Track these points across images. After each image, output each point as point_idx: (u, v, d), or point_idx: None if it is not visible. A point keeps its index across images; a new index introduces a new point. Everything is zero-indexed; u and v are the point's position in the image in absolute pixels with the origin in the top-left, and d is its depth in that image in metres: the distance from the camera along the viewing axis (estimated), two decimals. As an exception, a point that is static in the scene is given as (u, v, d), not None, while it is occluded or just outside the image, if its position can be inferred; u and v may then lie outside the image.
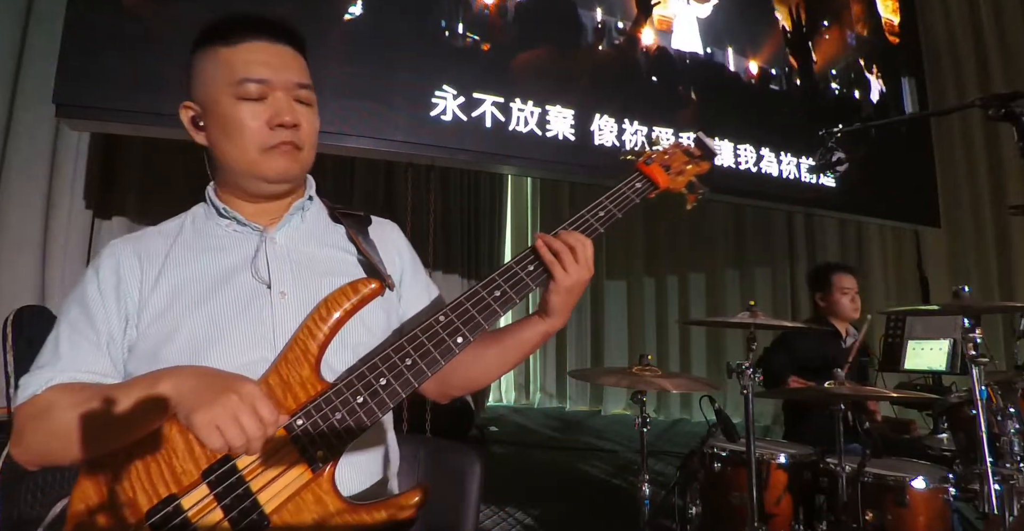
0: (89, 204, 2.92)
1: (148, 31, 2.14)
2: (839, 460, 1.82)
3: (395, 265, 1.02)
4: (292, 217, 0.95)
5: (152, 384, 0.74)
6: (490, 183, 5.78)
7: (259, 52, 0.88)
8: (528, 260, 0.90)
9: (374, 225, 1.04)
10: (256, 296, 0.87)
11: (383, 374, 0.81)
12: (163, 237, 0.93)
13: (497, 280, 0.88)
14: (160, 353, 0.82)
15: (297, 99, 0.90)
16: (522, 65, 2.84)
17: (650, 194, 1.04)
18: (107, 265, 0.88)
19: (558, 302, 0.91)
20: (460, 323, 0.84)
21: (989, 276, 4.45)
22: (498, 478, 3.28)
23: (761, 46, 3.66)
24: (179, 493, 0.73)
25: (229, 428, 0.68)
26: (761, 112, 3.56)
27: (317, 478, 0.76)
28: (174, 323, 0.84)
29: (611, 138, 3.00)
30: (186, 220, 0.96)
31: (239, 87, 0.86)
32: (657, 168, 1.05)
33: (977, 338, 1.55)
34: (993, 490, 1.52)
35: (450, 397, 1.03)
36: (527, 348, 0.96)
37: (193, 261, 0.89)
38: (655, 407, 5.63)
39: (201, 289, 0.86)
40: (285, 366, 0.81)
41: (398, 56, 2.56)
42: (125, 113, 2.11)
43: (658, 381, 1.91)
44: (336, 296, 0.83)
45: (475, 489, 1.03)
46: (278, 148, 0.88)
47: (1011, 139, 1.23)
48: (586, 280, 0.90)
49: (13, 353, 1.99)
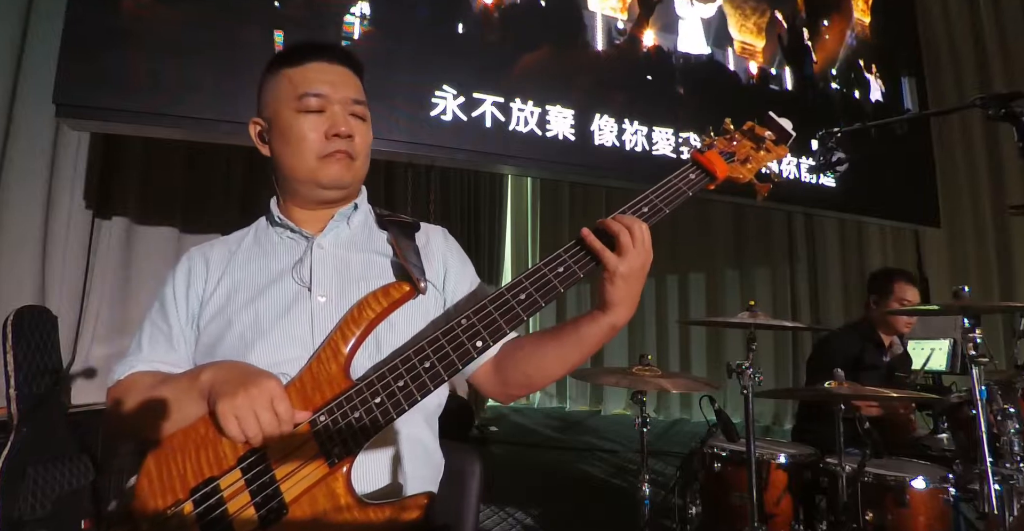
0: (89, 204, 2.92)
1: (148, 31, 2.14)
2: (839, 460, 1.82)
3: (436, 270, 1.03)
4: (338, 223, 1.02)
5: (197, 374, 0.85)
6: (490, 183, 5.78)
7: (319, 71, 0.97)
8: (559, 261, 0.85)
9: (421, 231, 1.08)
10: (298, 298, 0.94)
11: (401, 376, 0.82)
12: (228, 246, 1.04)
13: (524, 283, 0.85)
14: (216, 348, 0.93)
15: (352, 114, 0.98)
16: (522, 65, 2.84)
17: (708, 185, 0.93)
18: (182, 269, 1.02)
19: (615, 292, 0.84)
20: (481, 326, 0.83)
21: (989, 276, 4.45)
22: (498, 478, 3.28)
23: (761, 46, 3.66)
24: (219, 475, 0.80)
25: (246, 419, 0.77)
26: (761, 112, 3.55)
27: (333, 473, 0.79)
28: (227, 322, 0.93)
29: (611, 138, 3.00)
30: (251, 230, 1.07)
31: (300, 101, 0.95)
32: (715, 156, 0.92)
33: (977, 338, 1.55)
34: (993, 490, 1.52)
35: (512, 397, 1.02)
36: (589, 345, 0.90)
37: (248, 266, 0.99)
38: (655, 407, 5.63)
39: (251, 291, 0.95)
40: (317, 364, 0.85)
41: (398, 56, 2.56)
42: (125, 113, 2.11)
43: (658, 381, 1.91)
44: (368, 300, 0.88)
45: (475, 489, 1.04)
46: (333, 156, 0.96)
47: (1011, 139, 1.23)
48: (645, 266, 0.85)
49: (13, 353, 1.99)
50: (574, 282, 0.85)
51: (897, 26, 4.40)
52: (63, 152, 2.81)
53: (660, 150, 3.14)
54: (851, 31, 4.10)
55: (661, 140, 3.15)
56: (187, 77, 2.17)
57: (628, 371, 1.98)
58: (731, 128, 0.99)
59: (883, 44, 4.24)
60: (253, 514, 0.77)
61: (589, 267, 0.85)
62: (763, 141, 0.97)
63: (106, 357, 2.91)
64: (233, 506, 0.77)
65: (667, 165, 3.13)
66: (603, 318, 0.87)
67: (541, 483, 3.44)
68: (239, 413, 0.77)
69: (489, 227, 5.68)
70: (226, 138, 2.36)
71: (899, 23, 4.42)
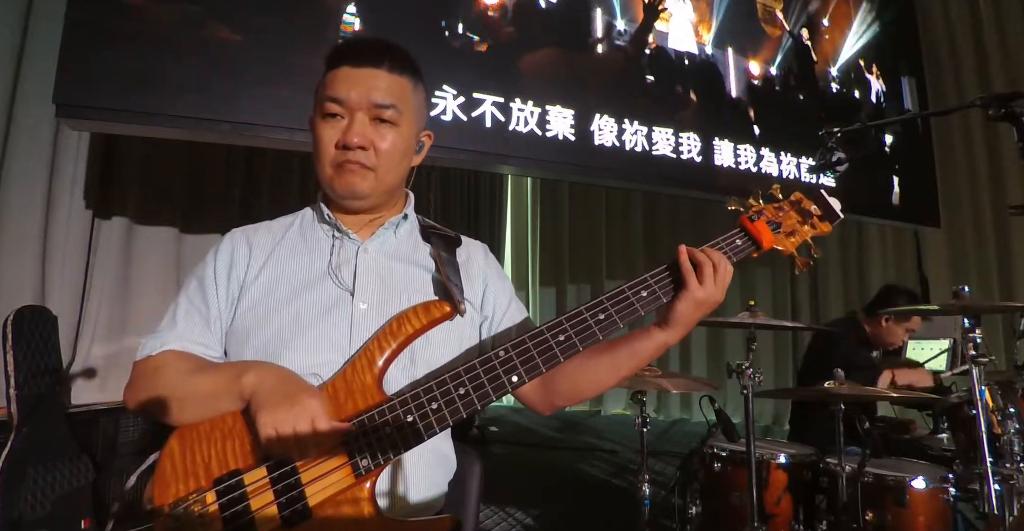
0: (89, 204, 2.92)
1: (148, 31, 2.14)
2: (839, 460, 1.82)
3: (475, 288, 1.04)
4: (386, 232, 1.01)
5: (240, 373, 0.83)
6: (490, 183, 5.78)
7: (349, 75, 0.93)
8: (600, 307, 0.87)
9: (462, 247, 1.08)
10: (340, 302, 0.93)
11: (436, 398, 0.83)
12: (273, 233, 1.01)
13: (564, 324, 0.86)
14: (250, 338, 0.91)
15: (378, 119, 0.94)
16: (522, 65, 2.84)
17: (752, 254, 0.95)
18: (225, 250, 0.98)
19: (684, 312, 0.89)
20: (518, 361, 0.85)
21: (989, 276, 4.45)
22: (498, 478, 3.28)
23: (762, 46, 3.67)
24: (243, 469, 0.80)
25: (285, 434, 0.77)
26: (761, 112, 3.56)
27: (359, 484, 0.80)
28: (265, 314, 0.92)
29: (611, 138, 3.00)
30: (297, 219, 1.04)
31: (323, 105, 0.94)
32: (763, 226, 0.94)
33: (977, 338, 1.55)
34: (993, 490, 1.52)
35: (555, 408, 1.02)
36: (641, 359, 0.94)
37: (292, 259, 0.97)
38: (655, 407, 5.63)
39: (293, 287, 0.94)
40: (352, 372, 0.86)
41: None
42: (125, 113, 2.11)
43: (658, 381, 1.91)
44: (408, 314, 0.88)
45: (475, 489, 1.04)
46: (344, 166, 0.93)
47: (1011, 139, 1.23)
48: (717, 302, 0.89)
49: (13, 353, 1.99)
50: (613, 330, 0.86)
51: (897, 26, 4.40)
52: (63, 152, 2.80)
53: (659, 150, 3.14)
54: (852, 31, 4.10)
55: (661, 140, 3.15)
56: (187, 77, 2.17)
57: (628, 371, 1.98)
58: (780, 196, 0.99)
59: (883, 44, 4.25)
60: (276, 513, 0.77)
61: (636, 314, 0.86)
62: (810, 217, 0.97)
63: (106, 357, 2.91)
64: (256, 503, 0.77)
65: (666, 165, 3.14)
66: (660, 335, 0.92)
67: (541, 483, 3.44)
68: (280, 427, 0.77)
69: (489, 227, 5.69)
70: (226, 138, 2.36)
71: (899, 23, 4.42)
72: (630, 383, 1.91)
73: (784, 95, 3.71)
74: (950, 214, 4.43)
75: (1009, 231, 4.41)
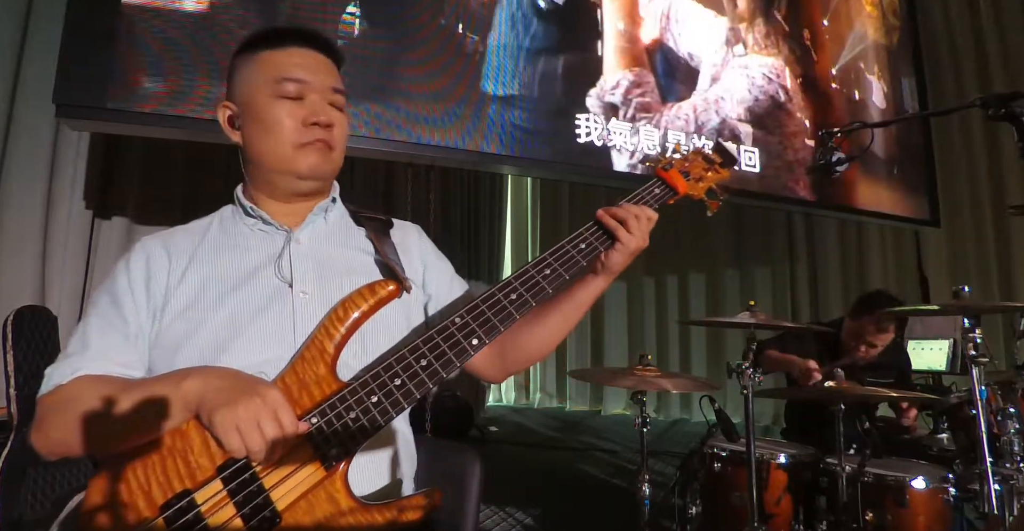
0: (89, 204, 2.92)
1: (148, 31, 2.14)
2: (839, 460, 1.82)
3: (415, 267, 1.03)
4: (316, 218, 0.98)
5: (179, 382, 0.76)
6: (490, 183, 5.78)
7: (299, 56, 0.93)
8: (544, 263, 0.91)
9: (395, 228, 1.07)
10: (278, 294, 0.89)
11: (398, 374, 0.81)
12: (191, 235, 0.96)
13: (513, 283, 0.88)
14: (181, 348, 0.84)
15: (332, 103, 0.94)
16: (523, 66, 2.84)
17: (669, 200, 1.05)
18: (137, 260, 0.90)
19: (618, 261, 0.95)
20: (476, 325, 0.85)
21: (989, 276, 4.45)
22: (498, 478, 3.27)
23: (762, 45, 3.66)
24: (193, 488, 0.73)
25: (249, 432, 0.71)
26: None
27: (330, 476, 0.77)
28: (197, 319, 0.85)
29: (612, 139, 3.00)
30: (215, 219, 1.00)
31: (279, 85, 0.90)
32: (676, 174, 1.05)
33: (977, 338, 1.54)
34: (993, 490, 1.51)
35: (509, 373, 1.06)
36: (584, 308, 1.00)
37: (218, 259, 0.91)
38: (655, 407, 5.63)
39: (224, 286, 0.88)
40: (302, 364, 0.82)
41: (397, 56, 2.55)
42: (125, 113, 2.11)
43: (658, 381, 1.91)
44: (354, 297, 0.85)
45: (475, 489, 1.04)
46: (312, 145, 0.92)
47: (1011, 139, 1.23)
48: (643, 247, 0.96)
49: (13, 353, 1.99)
50: (560, 283, 0.91)
51: (897, 26, 4.39)
52: (63, 152, 2.81)
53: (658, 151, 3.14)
54: (852, 32, 4.10)
55: (680, 147, 3.15)
56: (187, 77, 2.17)
57: (628, 371, 1.98)
58: (685, 151, 1.11)
59: (884, 45, 4.25)
60: (241, 526, 0.72)
61: (579, 265, 0.92)
62: (713, 163, 1.10)
63: (106, 357, 2.91)
64: (216, 520, 0.72)
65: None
66: (598, 282, 0.98)
67: (541, 483, 3.44)
68: (242, 425, 0.71)
69: (489, 227, 5.68)
70: (226, 138, 2.35)
71: (899, 23, 4.41)
72: (630, 383, 1.91)
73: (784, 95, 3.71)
74: (950, 214, 4.43)
75: (1009, 231, 4.41)
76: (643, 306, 5.90)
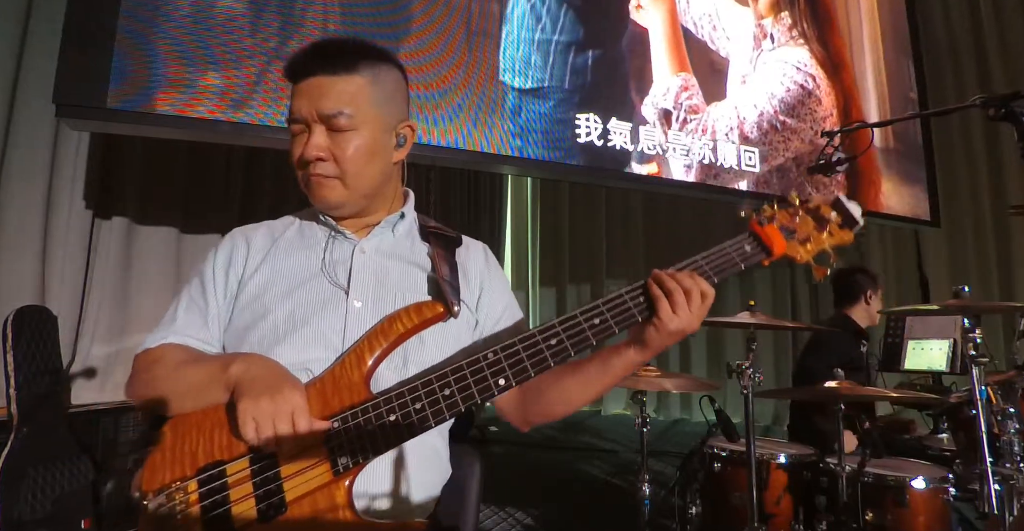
0: (89, 204, 2.92)
1: (148, 31, 2.14)
2: (839, 460, 1.82)
3: (471, 290, 1.02)
4: (383, 231, 1.01)
5: (227, 365, 0.84)
6: (490, 183, 5.78)
7: (300, 89, 0.93)
8: (596, 312, 0.83)
9: (462, 247, 1.06)
10: (334, 299, 0.93)
11: (420, 398, 0.82)
12: (272, 231, 1.03)
13: (556, 328, 0.83)
14: (246, 335, 0.92)
15: (332, 127, 0.91)
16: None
17: (763, 261, 0.91)
18: (224, 248, 1.00)
19: (657, 341, 0.85)
20: (506, 364, 0.83)
21: (989, 276, 4.45)
22: (498, 478, 3.28)
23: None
24: (227, 460, 0.80)
25: (263, 426, 0.77)
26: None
27: (336, 482, 0.79)
28: (262, 310, 0.93)
29: (614, 139, 3.00)
30: (296, 219, 1.05)
31: (288, 126, 0.95)
32: (774, 231, 0.90)
33: (977, 338, 1.55)
34: (993, 490, 1.52)
35: (531, 424, 1.03)
36: (614, 378, 0.91)
37: (289, 257, 0.98)
38: (655, 407, 5.62)
39: (290, 283, 0.95)
40: (340, 369, 0.86)
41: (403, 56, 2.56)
42: (125, 113, 2.11)
43: (658, 381, 1.91)
44: (400, 314, 0.88)
45: (475, 489, 1.04)
46: (310, 181, 0.94)
47: (1011, 139, 1.23)
48: (691, 331, 0.84)
49: (13, 353, 1.99)
50: (607, 335, 0.83)
51: (900, 28, 4.39)
52: (63, 152, 2.81)
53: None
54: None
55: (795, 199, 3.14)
56: (187, 77, 2.17)
57: (628, 371, 1.97)
58: (795, 202, 0.93)
59: (884, 45, 4.25)
60: (252, 506, 0.77)
61: (634, 321, 0.83)
62: (827, 223, 0.93)
63: (106, 357, 2.91)
64: (235, 494, 0.78)
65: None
66: (634, 356, 0.88)
67: (541, 483, 3.44)
68: (259, 418, 0.77)
69: (489, 227, 5.68)
70: (226, 138, 2.36)
71: (901, 25, 4.41)
72: (630, 383, 1.91)
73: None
74: (950, 214, 4.43)
75: (1009, 231, 4.41)
76: (643, 306, 5.89)
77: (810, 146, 3.60)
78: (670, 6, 3.34)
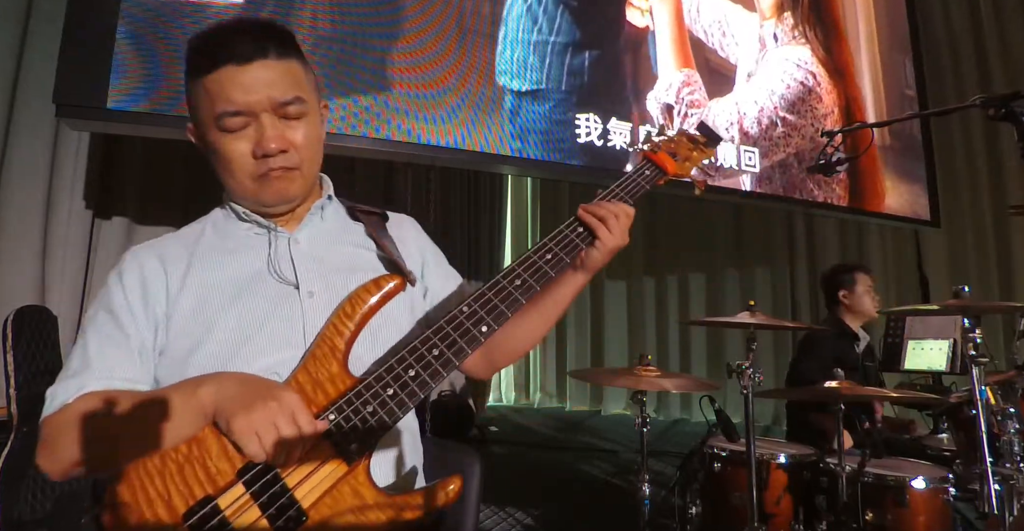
0: (89, 204, 2.93)
1: (148, 31, 2.14)
2: (839, 460, 1.82)
3: (415, 260, 1.03)
4: (312, 217, 0.97)
5: (193, 390, 0.75)
6: (490, 183, 5.78)
7: (235, 78, 0.83)
8: (546, 248, 0.93)
9: (391, 222, 1.06)
10: (285, 297, 0.88)
11: (411, 365, 0.82)
12: (183, 241, 0.93)
13: (516, 269, 0.90)
14: (191, 356, 0.83)
15: (285, 116, 0.86)
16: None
17: (659, 180, 1.07)
18: (131, 271, 0.87)
19: (598, 258, 0.96)
20: (484, 312, 0.86)
21: (989, 276, 4.45)
22: (498, 478, 3.27)
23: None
24: (215, 493, 0.72)
25: (267, 436, 0.71)
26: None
27: (353, 471, 0.77)
28: (205, 327, 0.84)
29: (614, 139, 3.00)
30: (207, 224, 0.97)
31: (219, 121, 0.84)
32: (664, 155, 1.08)
33: (977, 338, 1.54)
34: (993, 490, 1.51)
35: (496, 369, 1.08)
36: (565, 304, 1.01)
37: (218, 264, 0.89)
38: (655, 407, 5.62)
39: (229, 292, 0.87)
40: (313, 363, 0.82)
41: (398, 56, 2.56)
42: (125, 113, 2.11)
43: (658, 381, 1.91)
44: (360, 293, 0.85)
45: (475, 489, 1.04)
46: (268, 175, 0.87)
47: (1011, 139, 1.23)
48: (623, 246, 0.98)
49: (13, 353, 1.99)
50: (562, 267, 0.93)
51: (897, 26, 4.39)
52: (63, 152, 2.81)
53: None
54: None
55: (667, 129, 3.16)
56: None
57: (628, 371, 1.98)
58: (673, 131, 1.14)
59: (884, 46, 4.25)
60: (268, 527, 0.72)
61: (579, 250, 0.95)
62: (698, 143, 1.14)
63: (106, 357, 2.91)
64: (241, 522, 0.72)
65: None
66: (579, 278, 0.99)
67: (541, 483, 3.44)
68: (260, 430, 0.71)
69: (489, 227, 5.68)
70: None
71: (899, 23, 4.41)
72: (630, 383, 1.91)
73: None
74: (950, 214, 4.43)
75: (1009, 231, 4.42)
76: (643, 306, 5.90)
77: (811, 143, 3.61)
78: (676, 4, 3.36)
